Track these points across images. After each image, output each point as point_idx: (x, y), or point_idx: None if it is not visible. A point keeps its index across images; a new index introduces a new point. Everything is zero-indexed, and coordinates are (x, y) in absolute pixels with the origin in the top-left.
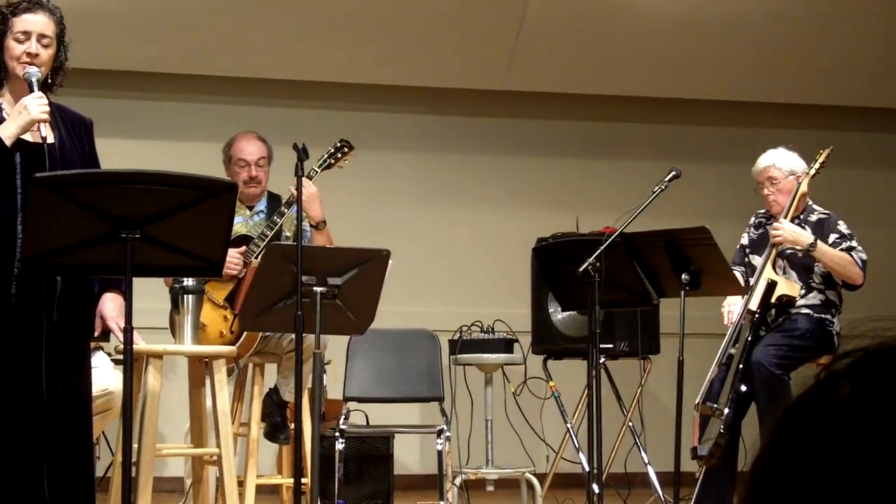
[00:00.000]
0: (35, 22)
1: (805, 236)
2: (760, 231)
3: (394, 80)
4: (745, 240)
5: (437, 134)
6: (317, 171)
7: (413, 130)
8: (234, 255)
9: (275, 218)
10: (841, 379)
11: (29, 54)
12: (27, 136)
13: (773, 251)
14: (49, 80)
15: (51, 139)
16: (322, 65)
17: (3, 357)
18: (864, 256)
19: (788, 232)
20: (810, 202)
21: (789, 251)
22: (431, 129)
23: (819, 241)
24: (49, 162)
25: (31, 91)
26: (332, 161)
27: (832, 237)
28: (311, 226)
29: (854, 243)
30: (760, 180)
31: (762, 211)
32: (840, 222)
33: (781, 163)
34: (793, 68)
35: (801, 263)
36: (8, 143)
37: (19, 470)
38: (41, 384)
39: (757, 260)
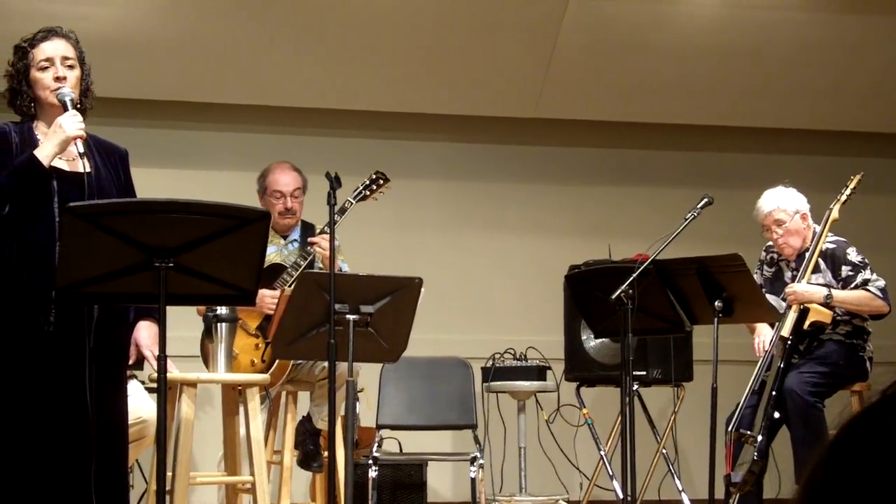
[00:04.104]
0: (55, 47)
1: (818, 291)
2: (774, 269)
3: (424, 109)
4: (757, 278)
5: (469, 162)
6: (352, 203)
7: (444, 158)
8: (269, 295)
9: (309, 249)
10: None
11: (57, 78)
12: (64, 165)
13: (806, 276)
14: (79, 105)
15: (87, 168)
16: (352, 93)
17: (45, 384)
18: (881, 284)
19: (801, 294)
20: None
21: None
22: (463, 157)
23: (833, 291)
24: (87, 190)
25: (66, 111)
26: (368, 193)
27: (844, 270)
28: None
29: (867, 273)
30: (766, 224)
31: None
32: (850, 251)
33: (786, 204)
34: (823, 95)
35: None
36: (45, 162)
37: (64, 498)
38: (87, 412)
39: (773, 299)
